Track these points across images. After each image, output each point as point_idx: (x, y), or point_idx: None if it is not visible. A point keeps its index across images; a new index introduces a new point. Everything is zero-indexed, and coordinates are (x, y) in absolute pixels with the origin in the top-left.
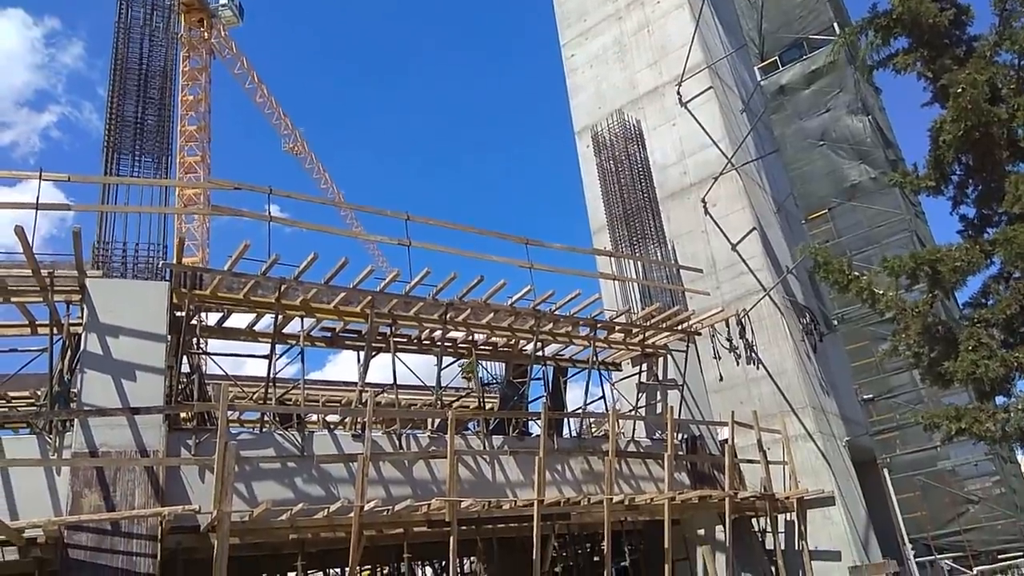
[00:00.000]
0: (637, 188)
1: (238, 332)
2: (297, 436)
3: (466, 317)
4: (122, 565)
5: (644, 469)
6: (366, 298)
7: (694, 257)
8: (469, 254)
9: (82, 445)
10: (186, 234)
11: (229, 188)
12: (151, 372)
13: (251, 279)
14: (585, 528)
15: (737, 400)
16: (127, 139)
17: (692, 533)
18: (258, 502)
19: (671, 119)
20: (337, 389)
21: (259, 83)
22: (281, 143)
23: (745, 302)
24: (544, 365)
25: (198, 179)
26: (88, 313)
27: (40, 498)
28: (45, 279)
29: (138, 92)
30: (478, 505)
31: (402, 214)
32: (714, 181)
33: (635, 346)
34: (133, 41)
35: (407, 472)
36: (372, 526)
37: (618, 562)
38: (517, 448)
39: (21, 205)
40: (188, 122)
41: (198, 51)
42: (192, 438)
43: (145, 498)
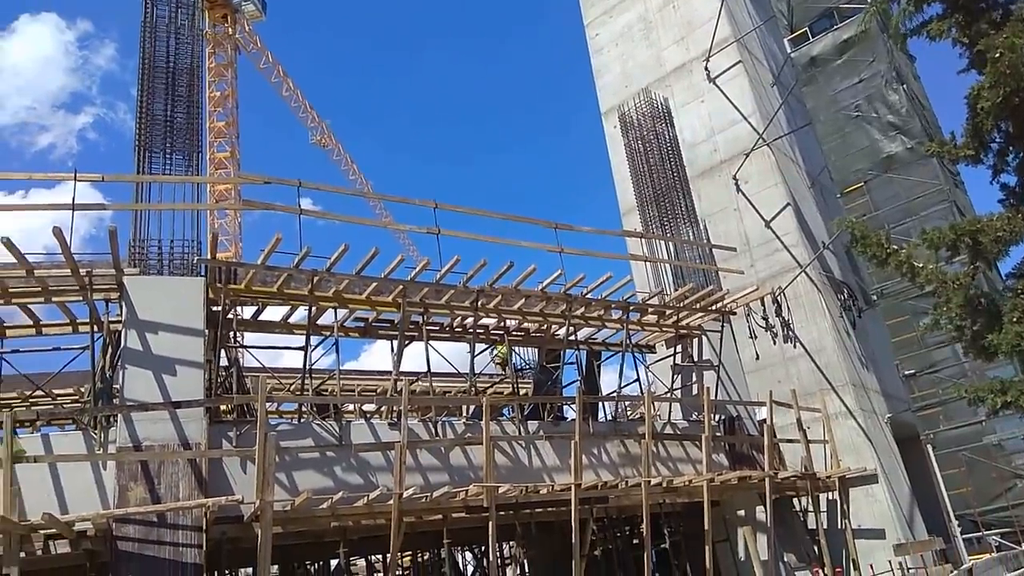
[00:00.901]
0: (666, 167)
1: (273, 325)
2: (335, 426)
3: (497, 303)
4: (169, 556)
5: (681, 451)
6: (397, 287)
7: (727, 235)
8: (498, 240)
9: (126, 440)
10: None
11: (259, 182)
12: (190, 366)
13: (284, 272)
14: (623, 511)
15: (775, 379)
16: (158, 137)
17: (732, 514)
18: (299, 491)
19: (699, 96)
20: (372, 378)
21: (285, 77)
22: (308, 136)
23: (780, 279)
24: (577, 349)
25: (228, 175)
26: (127, 310)
27: (88, 492)
28: (84, 278)
29: (167, 90)
30: (515, 490)
31: (430, 202)
32: (745, 157)
33: (669, 327)
34: (159, 40)
35: (444, 459)
36: (411, 513)
37: (657, 544)
38: (552, 433)
39: (57, 206)
40: (216, 118)
41: (223, 47)
42: (233, 430)
43: (189, 490)
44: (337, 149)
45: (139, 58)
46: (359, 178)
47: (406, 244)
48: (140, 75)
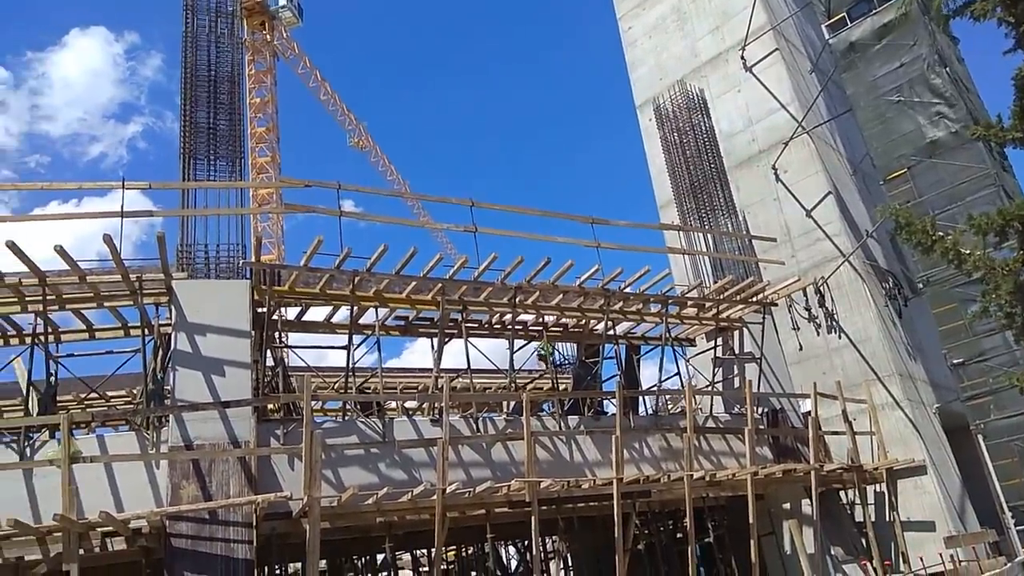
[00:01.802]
0: (703, 159)
1: (316, 325)
2: (378, 423)
3: (535, 299)
4: (221, 552)
5: (724, 444)
6: (436, 286)
7: (767, 226)
8: (535, 237)
9: (178, 439)
10: (262, 233)
11: (300, 186)
12: (238, 367)
13: (326, 273)
14: (666, 505)
15: (819, 371)
16: (201, 145)
17: (777, 507)
18: (345, 487)
19: (736, 85)
20: (414, 376)
21: (322, 81)
22: (347, 138)
23: (823, 269)
24: (616, 344)
25: (270, 179)
26: (176, 313)
27: (142, 491)
28: (134, 283)
29: (209, 98)
30: (557, 485)
31: (467, 201)
32: (784, 146)
33: (709, 320)
34: (201, 49)
35: (485, 454)
36: (455, 508)
37: (701, 538)
38: (593, 428)
39: (106, 214)
40: (257, 124)
41: (262, 54)
42: (280, 428)
43: (239, 487)
44: (375, 151)
45: (181, 68)
46: (396, 179)
47: (444, 243)
48: (183, 84)
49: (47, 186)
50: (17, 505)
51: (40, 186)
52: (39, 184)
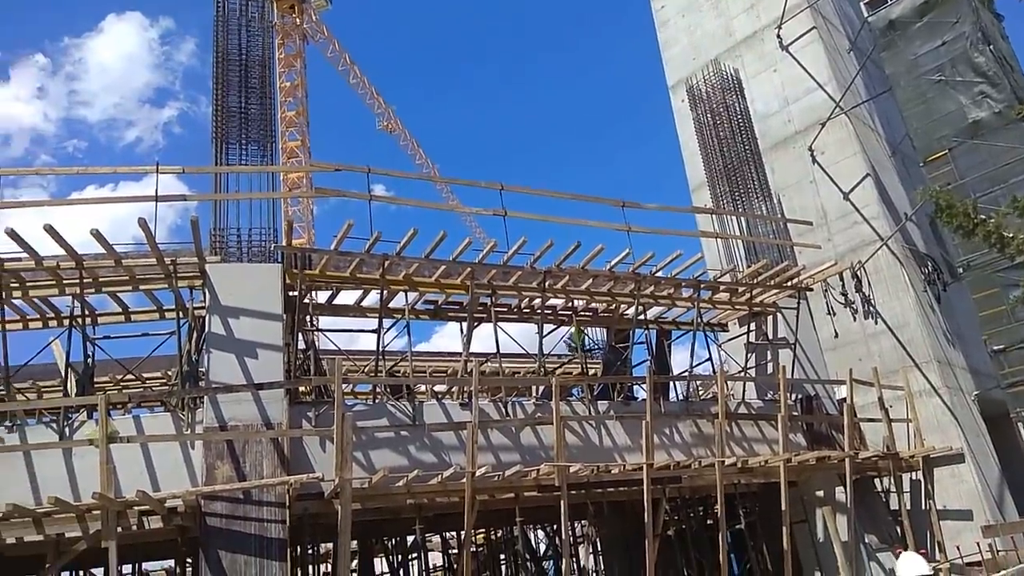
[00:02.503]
0: (737, 140)
1: (347, 308)
2: (408, 406)
3: (565, 284)
4: (255, 531)
5: (757, 431)
6: (466, 270)
7: (802, 209)
8: (565, 220)
9: (212, 420)
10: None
11: (330, 170)
12: (270, 349)
13: (356, 257)
14: (697, 492)
15: (855, 357)
16: (233, 129)
17: (810, 495)
18: (376, 469)
19: (771, 65)
20: (443, 360)
21: (351, 64)
22: (376, 122)
23: (860, 253)
24: (646, 329)
25: (300, 163)
26: (210, 297)
27: (178, 471)
28: (169, 267)
29: (240, 83)
30: (587, 470)
31: (496, 184)
32: (821, 127)
33: (742, 305)
34: (232, 33)
35: (515, 438)
36: (484, 491)
37: (733, 525)
38: (623, 413)
39: (140, 198)
40: (287, 108)
41: (292, 37)
42: (312, 410)
43: (272, 468)
44: (404, 134)
45: (213, 52)
46: (425, 162)
47: (472, 227)
48: (214, 68)
49: (83, 170)
50: (57, 483)
51: (76, 171)
52: (75, 169)
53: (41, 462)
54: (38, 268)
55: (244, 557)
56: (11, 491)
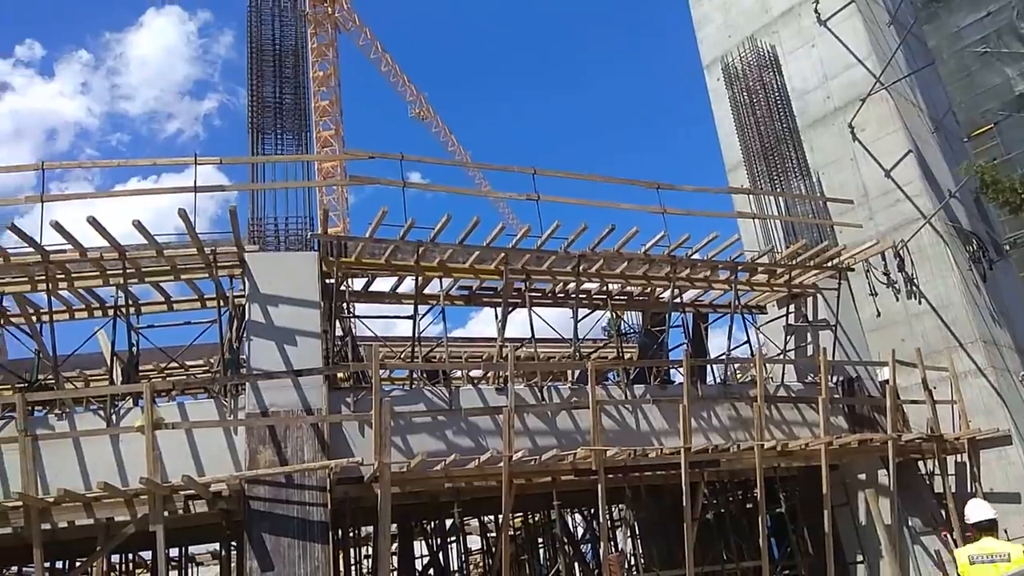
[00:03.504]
0: (775, 119)
1: (382, 295)
2: (444, 391)
3: (599, 268)
4: (297, 515)
5: (796, 414)
6: (499, 255)
7: (842, 188)
8: (599, 204)
9: (254, 406)
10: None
11: (364, 157)
12: (309, 336)
13: (391, 244)
14: (736, 475)
15: (897, 338)
16: (268, 119)
17: (852, 478)
18: (414, 454)
19: (809, 41)
20: (478, 345)
21: (383, 53)
22: (408, 109)
23: (903, 232)
24: (683, 312)
25: (334, 152)
26: (249, 285)
27: (221, 456)
28: (209, 256)
29: (274, 73)
30: (623, 454)
31: (529, 169)
32: (862, 103)
33: (781, 287)
34: (265, 24)
35: (551, 423)
36: (521, 475)
37: (773, 509)
38: (660, 396)
39: (179, 189)
40: (320, 97)
41: (324, 27)
42: (350, 396)
43: (313, 453)
44: (435, 121)
45: (247, 43)
46: (457, 149)
47: (505, 212)
48: (249, 59)
49: (124, 163)
50: (106, 469)
51: (117, 163)
52: (116, 161)
53: (90, 449)
54: (83, 259)
55: (287, 540)
56: (62, 477)
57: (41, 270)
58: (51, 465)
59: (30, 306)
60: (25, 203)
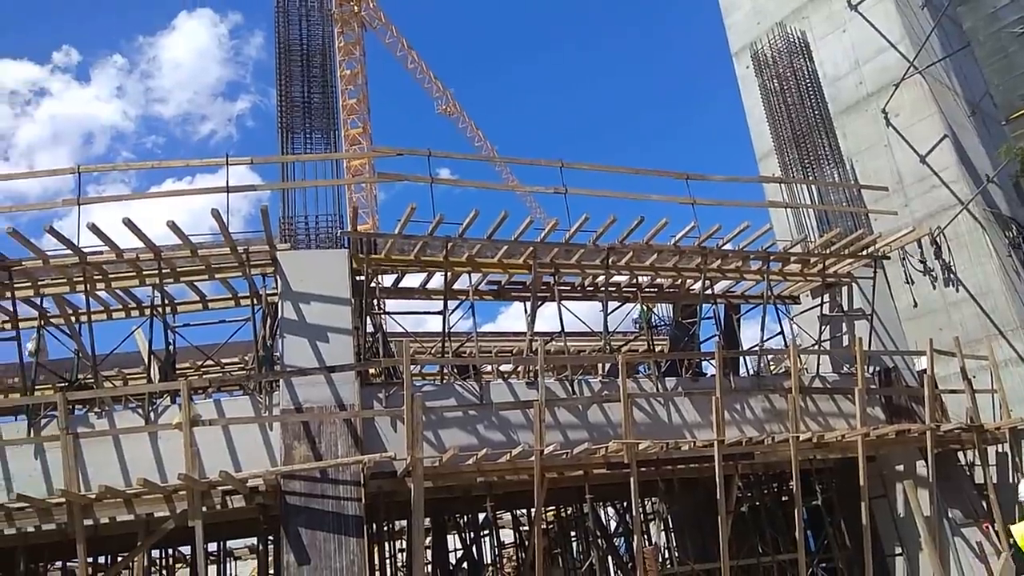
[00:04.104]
0: (806, 106)
1: (412, 291)
2: (475, 386)
3: (628, 260)
4: (332, 509)
5: (832, 405)
6: (528, 249)
7: (876, 174)
8: (627, 196)
9: (289, 402)
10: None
11: (392, 154)
12: (341, 333)
13: (420, 240)
14: (771, 468)
15: (935, 326)
16: (297, 119)
17: (890, 470)
18: (445, 448)
19: (840, 25)
20: (508, 339)
21: (409, 49)
22: (434, 106)
23: (939, 219)
24: (714, 303)
25: (363, 150)
26: (281, 283)
27: (258, 451)
28: (242, 255)
29: (302, 73)
30: (656, 447)
31: (556, 162)
32: (895, 88)
33: (814, 276)
34: (292, 24)
35: (582, 416)
36: (553, 468)
37: (809, 501)
38: (691, 389)
39: (212, 190)
40: (348, 96)
41: (350, 25)
42: (382, 391)
43: (347, 448)
44: (462, 117)
45: (275, 43)
46: (484, 144)
47: (532, 206)
48: (277, 60)
49: (157, 164)
50: (145, 466)
51: (151, 165)
52: (150, 163)
53: (129, 446)
54: (119, 260)
55: (323, 534)
56: (103, 474)
57: (79, 271)
58: (92, 462)
59: (69, 307)
60: (63, 206)
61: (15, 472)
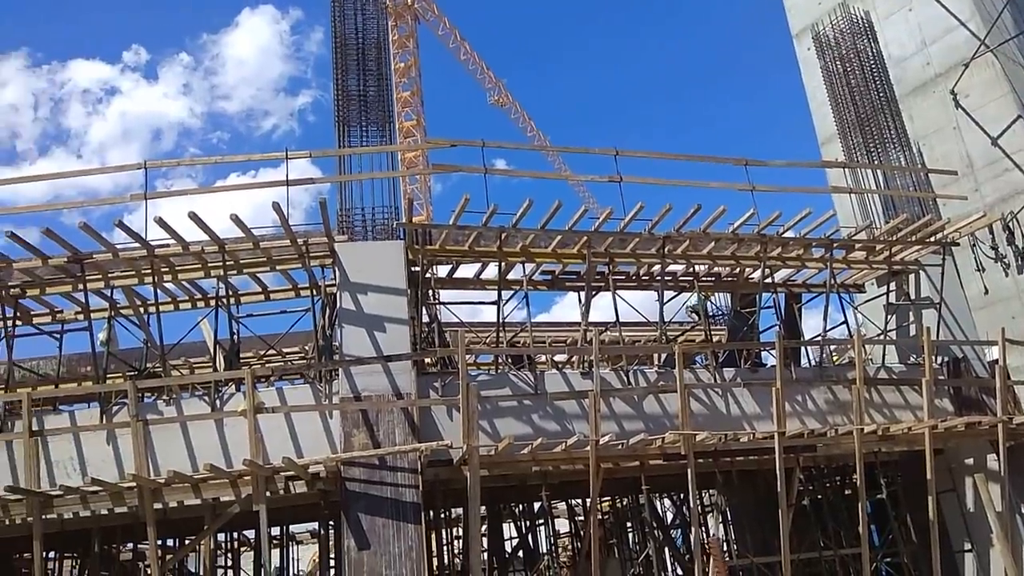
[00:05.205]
0: (871, 88)
1: (467, 281)
2: (529, 375)
3: (685, 249)
4: (391, 495)
5: (898, 397)
6: (582, 239)
7: (945, 158)
8: (684, 183)
9: (347, 391)
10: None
11: (446, 146)
12: (397, 323)
13: (474, 230)
14: (833, 460)
15: (1007, 315)
16: (354, 112)
17: (959, 463)
18: (501, 437)
19: (905, 4)
20: (562, 329)
21: (461, 40)
22: (487, 96)
23: (1012, 203)
24: (774, 292)
25: (416, 142)
26: (340, 274)
27: (319, 439)
28: (301, 247)
29: (358, 66)
30: (714, 438)
31: (610, 150)
32: (964, 68)
33: (880, 264)
34: (348, 18)
35: (637, 407)
36: (608, 459)
37: (873, 495)
38: (751, 380)
39: (272, 183)
40: (402, 88)
41: (404, 18)
42: (438, 381)
43: (404, 436)
44: (514, 107)
45: (331, 37)
46: (536, 134)
47: (585, 195)
48: (333, 54)
49: (220, 159)
50: (211, 452)
51: (215, 160)
52: (213, 158)
53: (196, 432)
54: (185, 253)
55: (382, 520)
56: (171, 459)
57: (147, 264)
58: (161, 448)
59: (138, 298)
60: (131, 201)
61: (89, 457)
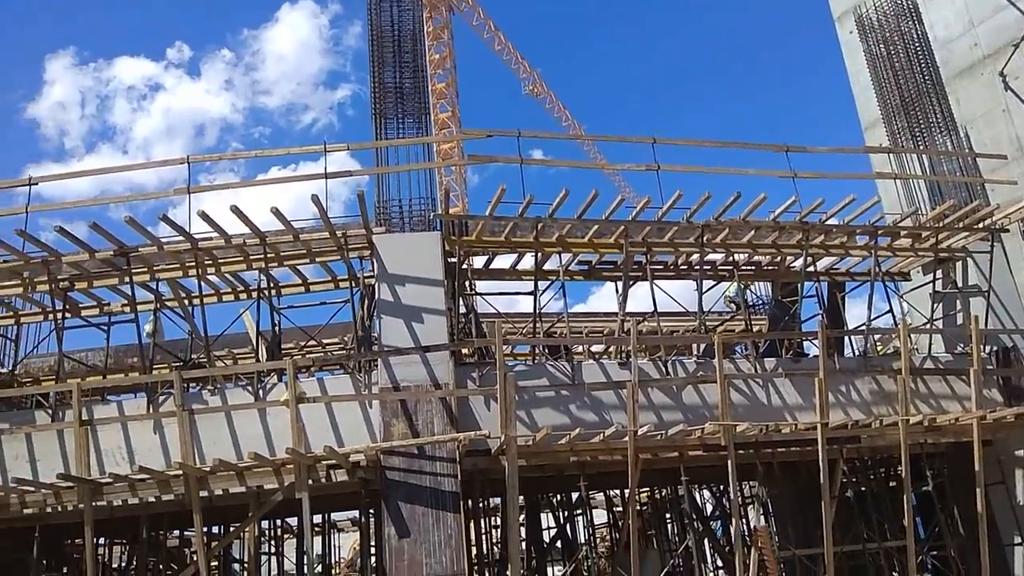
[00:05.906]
0: (915, 71)
1: (503, 272)
2: (566, 366)
3: (724, 237)
4: (430, 484)
5: (945, 387)
6: (619, 228)
7: (993, 142)
8: (723, 170)
9: (387, 381)
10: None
11: (482, 136)
12: (435, 314)
13: (510, 221)
14: (878, 452)
15: None
16: (390, 104)
17: (1008, 455)
18: (538, 427)
19: None
20: (599, 320)
21: (496, 31)
22: (522, 87)
23: None
24: (817, 281)
25: (452, 133)
26: (378, 266)
27: (358, 428)
28: (340, 239)
29: (394, 59)
30: (754, 429)
31: (648, 139)
32: (1015, 49)
33: (926, 251)
34: (384, 10)
35: (676, 397)
36: (646, 450)
37: (918, 487)
38: (793, 370)
39: (311, 176)
40: (437, 80)
41: (438, 9)
42: (475, 371)
43: (443, 425)
44: (549, 97)
45: (367, 30)
46: (571, 124)
47: (620, 185)
48: (370, 47)
49: (260, 153)
50: (255, 440)
51: (254, 154)
52: (253, 152)
53: (240, 421)
54: (228, 246)
55: (421, 508)
56: (216, 448)
57: (191, 257)
58: (206, 437)
59: (182, 290)
60: (175, 195)
61: (136, 446)
